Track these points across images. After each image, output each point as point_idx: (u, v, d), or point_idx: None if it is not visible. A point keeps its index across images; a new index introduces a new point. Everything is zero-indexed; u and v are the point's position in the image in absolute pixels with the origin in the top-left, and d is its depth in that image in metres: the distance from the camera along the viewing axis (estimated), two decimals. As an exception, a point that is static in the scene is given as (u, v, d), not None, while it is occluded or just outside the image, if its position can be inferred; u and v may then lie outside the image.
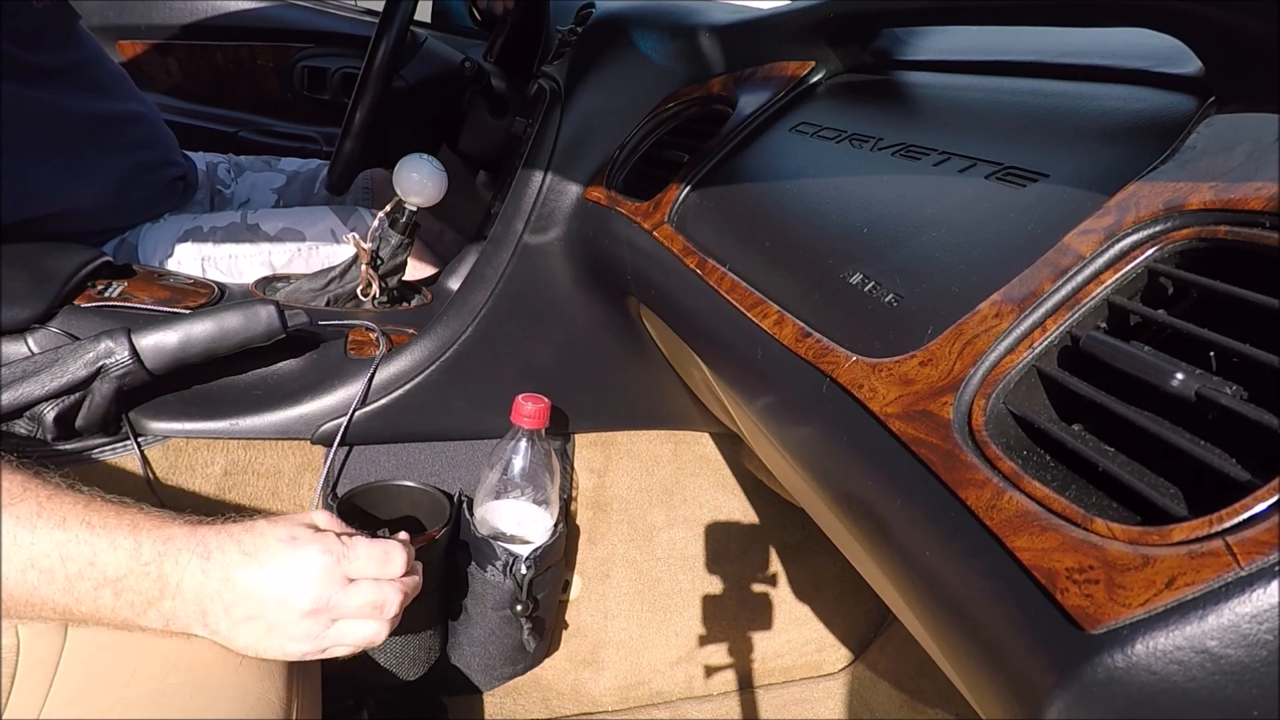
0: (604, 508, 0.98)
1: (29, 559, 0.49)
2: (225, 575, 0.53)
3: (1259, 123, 0.35)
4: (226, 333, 0.69)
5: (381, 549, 0.57)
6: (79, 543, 0.51)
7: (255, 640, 0.53)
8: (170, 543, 0.53)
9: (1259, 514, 0.24)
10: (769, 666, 1.12)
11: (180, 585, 0.52)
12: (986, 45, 0.62)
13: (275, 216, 1.12)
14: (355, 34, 1.63)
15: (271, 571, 0.54)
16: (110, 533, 0.52)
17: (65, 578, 0.50)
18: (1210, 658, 0.24)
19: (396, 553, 0.57)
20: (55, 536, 0.50)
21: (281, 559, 0.54)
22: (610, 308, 0.82)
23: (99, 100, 1.02)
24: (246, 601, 0.53)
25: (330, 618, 0.55)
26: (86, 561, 0.50)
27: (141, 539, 0.52)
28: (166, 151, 1.13)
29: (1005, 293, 0.37)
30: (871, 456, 0.39)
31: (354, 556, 0.56)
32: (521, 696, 1.02)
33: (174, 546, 0.53)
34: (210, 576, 0.53)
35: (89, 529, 0.51)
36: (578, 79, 0.83)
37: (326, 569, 0.54)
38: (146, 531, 0.53)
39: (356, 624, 0.56)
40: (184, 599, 0.52)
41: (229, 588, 0.53)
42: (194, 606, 0.52)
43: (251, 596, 0.53)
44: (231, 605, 0.53)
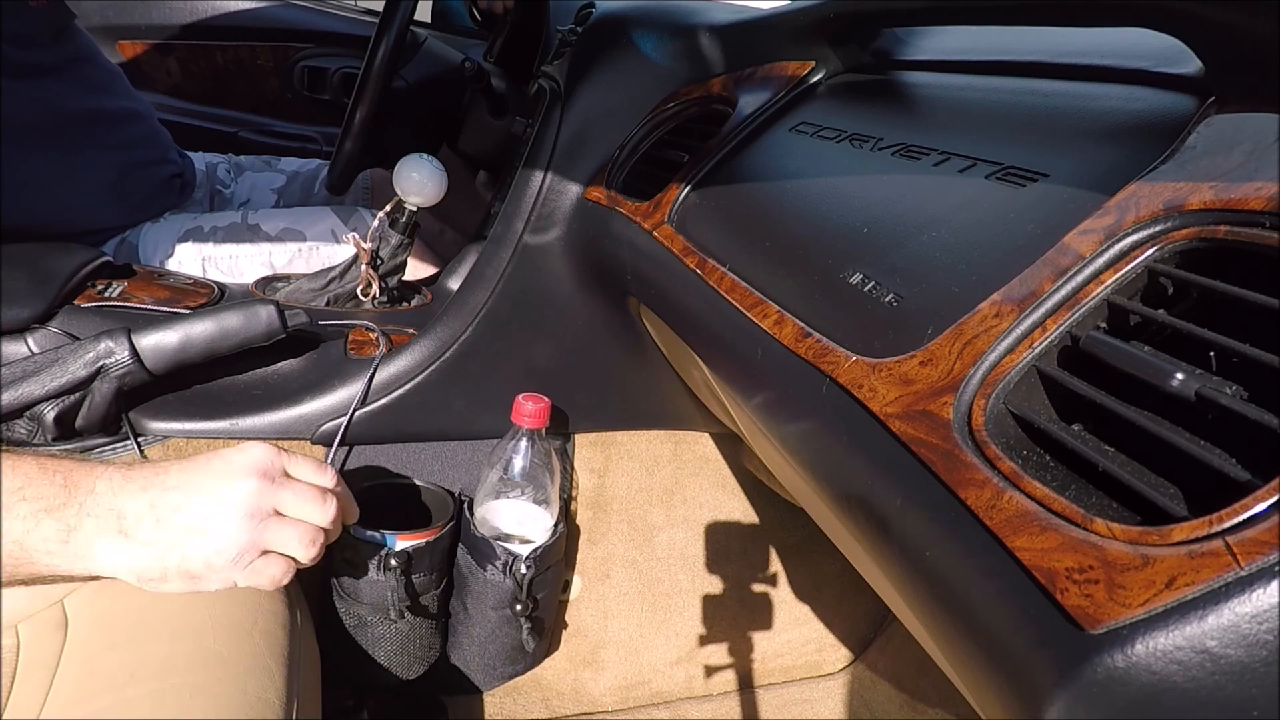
0: (604, 508, 0.98)
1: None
2: (153, 476, 0.49)
3: (1259, 123, 0.35)
4: (226, 333, 0.69)
5: (315, 462, 0.56)
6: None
7: (187, 541, 0.48)
8: (83, 463, 0.50)
9: (1259, 514, 0.24)
10: (769, 666, 1.12)
11: (93, 488, 0.48)
12: (986, 45, 0.62)
13: (276, 216, 1.12)
14: (355, 34, 1.63)
15: (204, 458, 0.51)
16: (12, 459, 0.48)
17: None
18: (1210, 658, 0.24)
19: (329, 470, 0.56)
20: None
21: (215, 452, 0.52)
22: (610, 308, 0.82)
23: (94, 98, 1.02)
24: (174, 493, 0.49)
25: (267, 514, 0.51)
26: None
27: (47, 461, 0.49)
28: (162, 150, 1.13)
29: (1005, 293, 0.37)
30: (871, 456, 0.39)
31: (293, 455, 0.54)
32: (521, 696, 1.02)
33: (87, 466, 0.49)
34: (133, 479, 0.49)
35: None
36: (578, 79, 0.83)
37: (267, 455, 0.53)
38: (54, 458, 0.49)
39: (292, 538, 0.52)
40: (96, 500, 0.47)
41: (157, 483, 0.49)
42: (108, 507, 0.47)
43: (183, 486, 0.49)
44: (157, 501, 0.48)
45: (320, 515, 0.53)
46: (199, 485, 0.50)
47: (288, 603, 0.68)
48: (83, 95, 1.00)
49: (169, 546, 0.48)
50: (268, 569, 0.51)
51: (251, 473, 0.51)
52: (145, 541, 0.48)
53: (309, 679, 0.65)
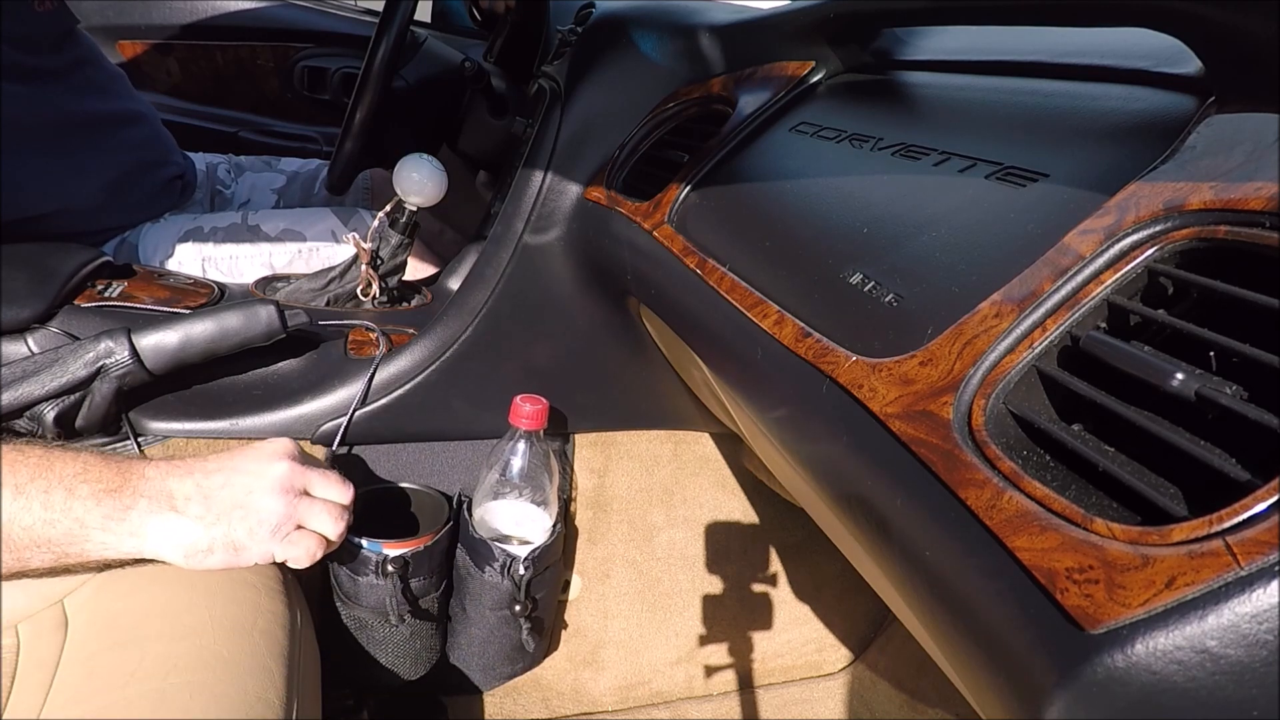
0: (604, 508, 0.98)
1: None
2: (197, 462, 0.56)
3: (1259, 123, 0.35)
4: (226, 333, 0.69)
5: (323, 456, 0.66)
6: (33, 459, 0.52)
7: (234, 512, 0.55)
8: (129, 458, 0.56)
9: (1259, 514, 0.24)
10: (769, 666, 1.12)
11: (144, 473, 0.54)
12: (986, 45, 0.62)
13: (276, 217, 1.12)
14: (355, 34, 1.63)
15: (246, 455, 0.58)
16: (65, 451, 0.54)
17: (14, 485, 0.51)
18: (1210, 658, 0.24)
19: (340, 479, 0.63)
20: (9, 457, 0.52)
21: (254, 448, 0.60)
22: (610, 308, 0.82)
23: (96, 101, 1.02)
24: (219, 474, 0.55)
25: (298, 491, 0.58)
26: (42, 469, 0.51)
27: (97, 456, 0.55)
28: (164, 151, 1.13)
29: (1005, 293, 0.37)
30: (871, 457, 0.39)
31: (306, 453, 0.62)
32: (521, 696, 1.02)
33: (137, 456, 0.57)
34: (179, 465, 0.56)
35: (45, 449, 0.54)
36: (578, 79, 0.83)
37: (288, 446, 0.60)
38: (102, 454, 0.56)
39: (323, 513, 0.59)
40: (148, 484, 0.53)
41: (200, 468, 0.56)
42: (159, 489, 0.53)
43: (224, 468, 0.56)
44: (202, 481, 0.55)
45: (341, 495, 0.61)
46: (238, 468, 0.56)
47: (288, 603, 0.68)
48: (85, 98, 1.00)
49: (215, 520, 0.54)
50: (303, 541, 0.58)
51: (283, 456, 0.58)
52: (195, 517, 0.54)
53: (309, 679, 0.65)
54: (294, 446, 0.61)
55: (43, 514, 0.51)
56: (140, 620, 0.60)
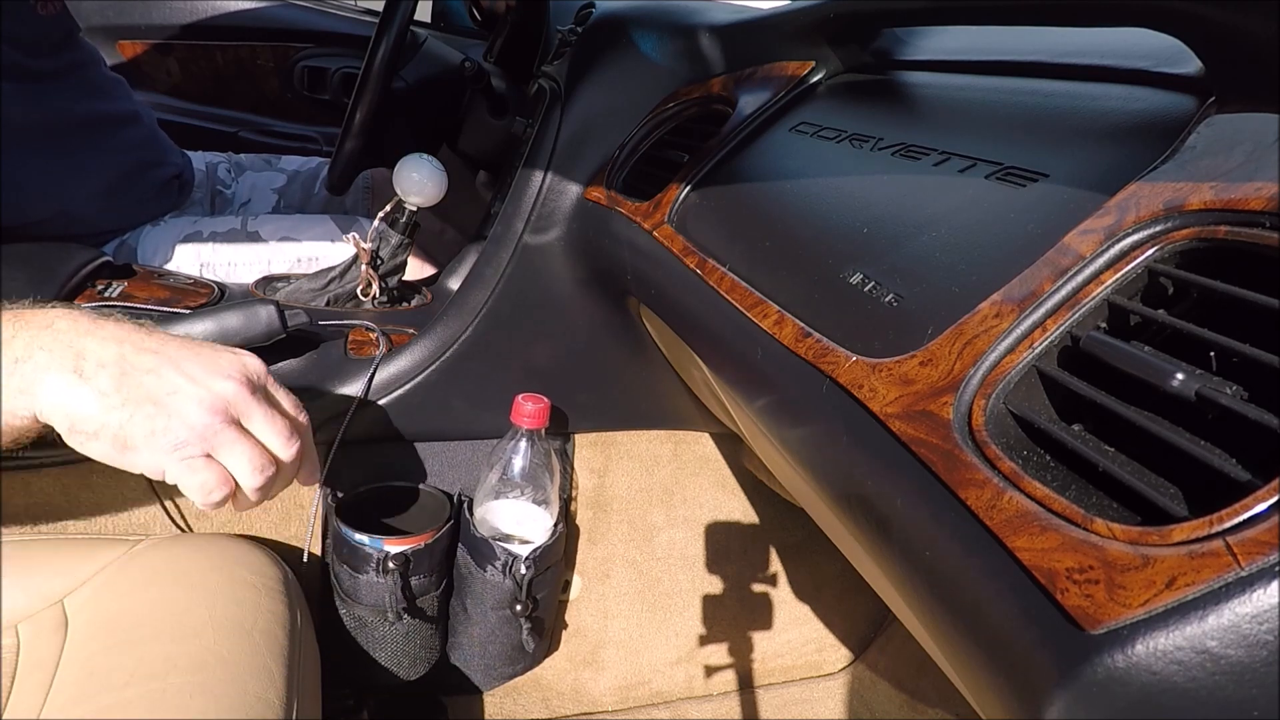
0: (604, 508, 0.98)
1: None
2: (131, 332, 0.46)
3: (1259, 123, 0.35)
4: (226, 333, 0.69)
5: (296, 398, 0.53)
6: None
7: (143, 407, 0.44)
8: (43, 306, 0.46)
9: (1259, 514, 0.24)
10: (769, 666, 1.12)
11: (51, 324, 0.44)
12: (986, 45, 0.62)
13: (275, 223, 1.12)
14: (355, 34, 1.63)
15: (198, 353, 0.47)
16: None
17: None
18: (1210, 658, 0.24)
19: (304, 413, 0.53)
20: None
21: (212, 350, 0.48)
22: (610, 308, 0.82)
23: (93, 103, 1.02)
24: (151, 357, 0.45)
25: (231, 420, 0.47)
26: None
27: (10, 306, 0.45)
28: (161, 152, 1.13)
29: (1005, 293, 0.37)
30: (871, 457, 0.39)
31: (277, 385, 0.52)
32: (521, 696, 1.02)
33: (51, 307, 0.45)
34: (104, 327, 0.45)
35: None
36: (578, 79, 0.83)
37: (257, 367, 0.50)
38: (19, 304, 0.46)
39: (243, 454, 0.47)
40: (53, 336, 0.44)
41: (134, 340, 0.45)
42: (67, 344, 0.44)
43: (164, 353, 0.46)
44: (129, 355, 0.45)
45: (282, 447, 0.49)
46: (178, 361, 0.46)
47: (288, 603, 0.68)
48: (83, 100, 1.00)
49: (120, 404, 0.44)
50: (200, 473, 0.46)
51: (236, 375, 0.48)
52: (99, 390, 0.44)
53: (309, 679, 0.65)
54: (258, 369, 0.50)
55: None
56: (140, 620, 0.60)
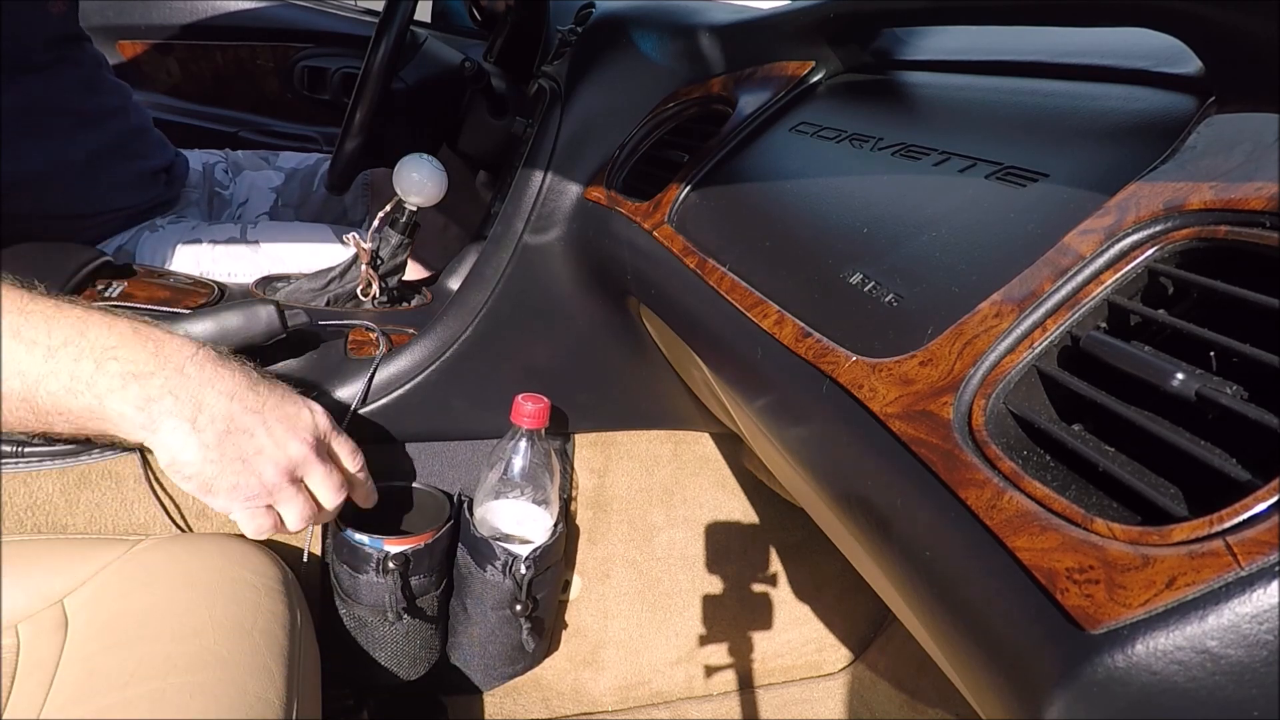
0: (604, 508, 0.98)
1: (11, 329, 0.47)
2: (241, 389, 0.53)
3: (1259, 123, 0.35)
4: (226, 333, 0.69)
5: (354, 444, 0.62)
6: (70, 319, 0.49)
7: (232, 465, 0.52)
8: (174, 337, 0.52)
9: (1259, 514, 0.24)
10: (769, 666, 1.12)
11: (184, 368, 0.51)
12: (986, 45, 0.62)
13: (273, 230, 1.12)
14: (355, 34, 1.63)
15: (285, 399, 0.55)
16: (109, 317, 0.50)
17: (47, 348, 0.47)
18: (1210, 658, 0.24)
19: (360, 455, 0.62)
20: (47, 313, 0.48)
21: (294, 396, 0.57)
22: (610, 308, 0.82)
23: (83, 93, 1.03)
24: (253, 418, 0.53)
25: (295, 478, 0.56)
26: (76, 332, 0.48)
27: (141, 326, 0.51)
28: (149, 146, 1.14)
29: (1005, 293, 0.37)
30: (871, 457, 0.39)
31: (339, 431, 0.60)
32: (521, 696, 1.02)
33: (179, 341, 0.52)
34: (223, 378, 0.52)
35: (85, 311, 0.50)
36: (578, 79, 0.83)
37: (324, 425, 0.58)
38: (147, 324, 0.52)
39: (296, 508, 0.57)
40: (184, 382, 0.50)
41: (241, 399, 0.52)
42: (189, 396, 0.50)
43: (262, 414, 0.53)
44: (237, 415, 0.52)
45: (329, 500, 0.59)
46: (270, 423, 0.54)
47: (288, 603, 0.68)
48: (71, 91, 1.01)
49: (216, 459, 0.52)
50: (258, 519, 0.56)
51: (308, 437, 0.56)
52: (205, 444, 0.51)
53: (309, 679, 0.65)
54: (326, 425, 0.59)
55: (69, 383, 0.48)
56: (140, 620, 0.60)
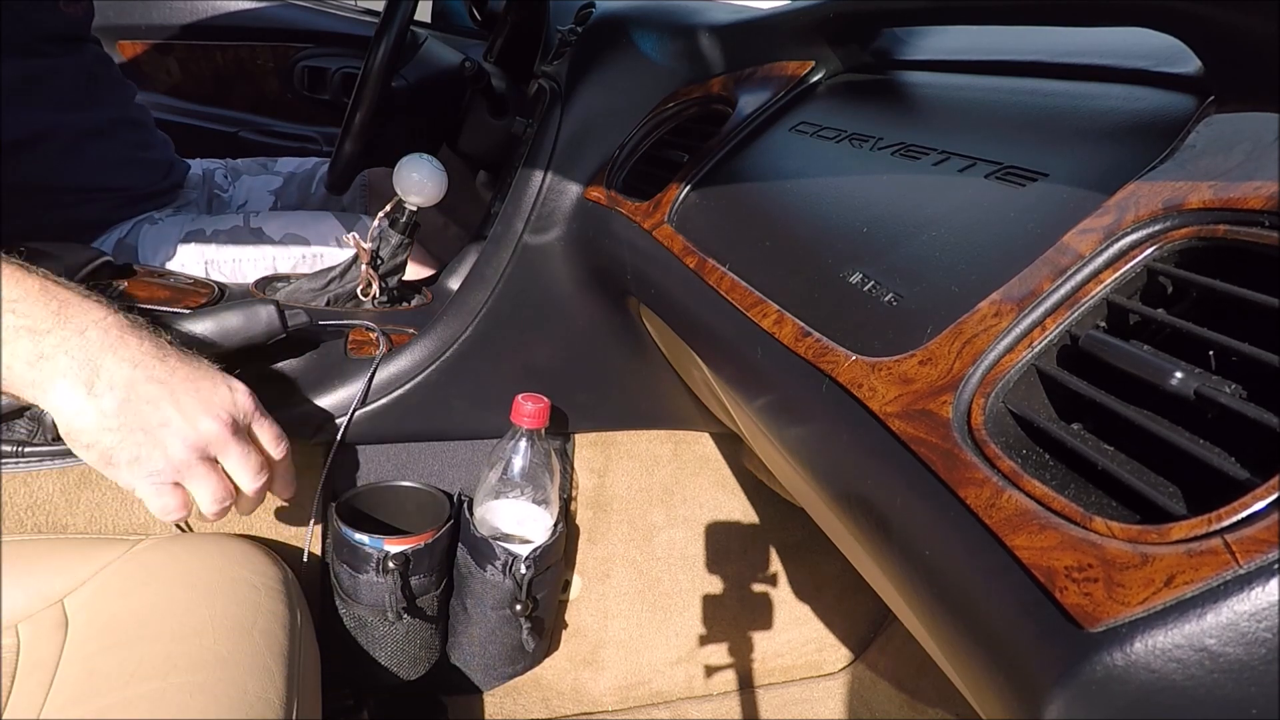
0: (604, 508, 0.98)
1: None
2: (150, 349, 0.50)
3: (1259, 122, 0.35)
4: (227, 333, 0.69)
5: (279, 430, 0.58)
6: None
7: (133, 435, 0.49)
8: (86, 300, 0.50)
9: (1258, 512, 0.24)
10: (769, 666, 1.12)
11: (85, 330, 0.48)
12: (986, 45, 0.62)
13: (278, 220, 1.12)
14: (355, 34, 1.63)
15: (200, 373, 0.53)
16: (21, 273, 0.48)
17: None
18: (1209, 656, 0.24)
19: (285, 442, 0.59)
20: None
21: (212, 372, 0.54)
22: (610, 308, 0.82)
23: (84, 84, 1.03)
24: (156, 388, 0.50)
25: (212, 456, 0.53)
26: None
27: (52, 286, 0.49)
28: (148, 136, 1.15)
29: (1005, 292, 0.37)
30: (871, 456, 0.39)
31: (264, 415, 0.57)
32: (521, 696, 1.02)
33: (89, 304, 0.49)
34: (128, 345, 0.49)
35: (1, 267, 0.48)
36: (578, 79, 0.83)
37: (245, 405, 0.55)
38: (62, 286, 0.49)
39: (208, 487, 0.54)
40: (83, 344, 0.48)
41: (146, 367, 0.50)
42: (86, 358, 0.48)
43: (168, 385, 0.50)
44: (138, 383, 0.49)
45: (247, 483, 0.55)
46: (178, 395, 0.51)
47: (288, 603, 0.68)
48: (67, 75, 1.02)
49: (116, 428, 0.49)
50: (164, 497, 0.52)
51: (220, 416, 0.53)
52: (101, 410, 0.48)
53: (309, 679, 0.65)
54: (244, 405, 0.55)
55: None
56: (140, 620, 0.60)
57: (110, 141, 1.07)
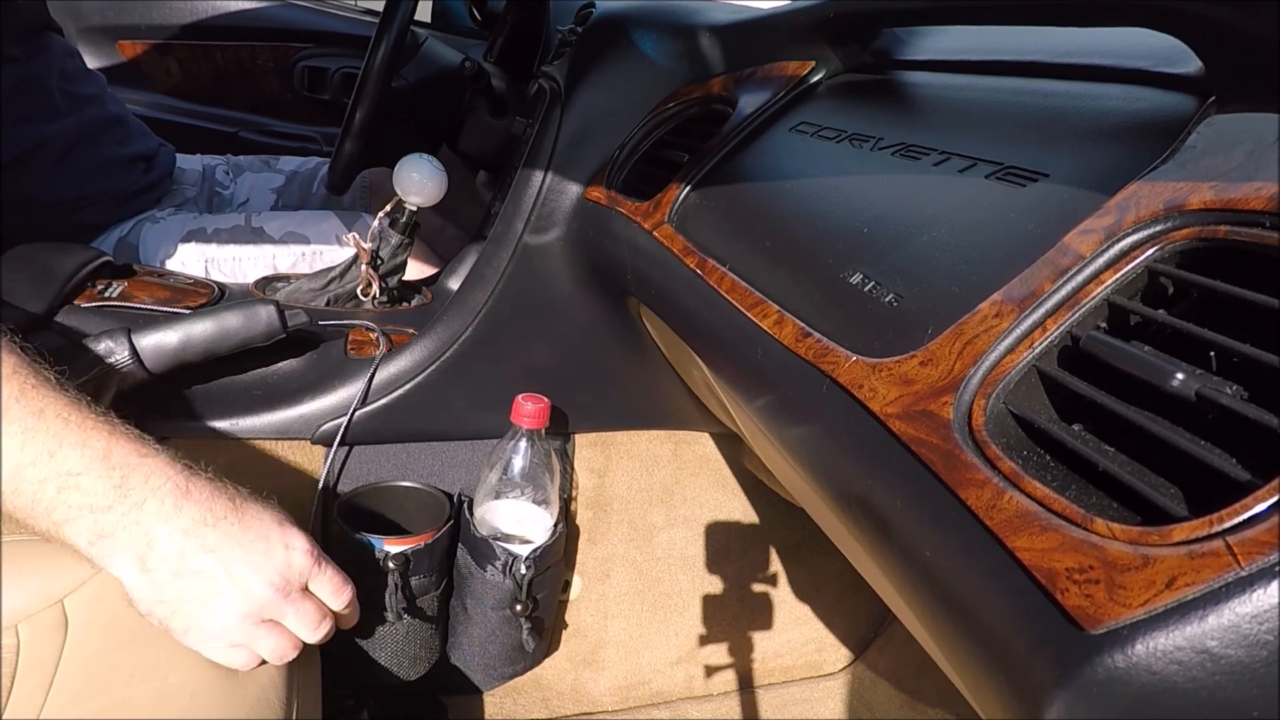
0: (604, 508, 0.98)
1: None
2: (204, 516, 0.50)
3: (1259, 123, 0.35)
4: (226, 333, 0.69)
5: (342, 578, 0.57)
6: (47, 433, 0.47)
7: (185, 605, 0.50)
8: (146, 461, 0.50)
9: (1259, 514, 0.24)
10: (769, 666, 1.12)
11: (143, 503, 0.49)
12: (986, 45, 0.62)
13: (279, 219, 1.12)
14: (355, 34, 1.63)
15: (254, 536, 0.52)
16: (86, 432, 0.49)
17: (15, 464, 0.47)
18: (1210, 658, 0.24)
19: (349, 590, 0.58)
20: (25, 423, 0.47)
21: (270, 531, 0.53)
22: (610, 308, 0.82)
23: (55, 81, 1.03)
24: (207, 558, 0.50)
25: (264, 620, 0.53)
26: (45, 451, 0.47)
27: (116, 447, 0.49)
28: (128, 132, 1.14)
29: (1005, 292, 0.37)
30: (871, 456, 0.39)
31: (324, 568, 0.56)
32: (521, 696, 1.02)
33: (149, 466, 0.50)
34: (183, 513, 0.50)
35: (64, 423, 0.48)
36: (578, 79, 0.83)
37: (301, 566, 0.54)
38: (124, 442, 0.50)
39: (279, 638, 0.54)
40: (139, 517, 0.49)
41: (198, 536, 0.50)
42: (142, 532, 0.49)
43: (219, 553, 0.50)
44: (188, 554, 0.49)
45: (310, 636, 0.56)
46: (229, 564, 0.51)
47: (288, 603, 0.68)
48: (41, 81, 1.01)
49: (171, 598, 0.51)
50: (235, 656, 0.54)
51: (273, 581, 0.53)
52: (155, 583, 0.50)
53: (309, 679, 0.65)
54: (300, 566, 0.54)
55: (30, 504, 0.48)
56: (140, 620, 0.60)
57: (83, 149, 1.05)
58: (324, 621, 0.57)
